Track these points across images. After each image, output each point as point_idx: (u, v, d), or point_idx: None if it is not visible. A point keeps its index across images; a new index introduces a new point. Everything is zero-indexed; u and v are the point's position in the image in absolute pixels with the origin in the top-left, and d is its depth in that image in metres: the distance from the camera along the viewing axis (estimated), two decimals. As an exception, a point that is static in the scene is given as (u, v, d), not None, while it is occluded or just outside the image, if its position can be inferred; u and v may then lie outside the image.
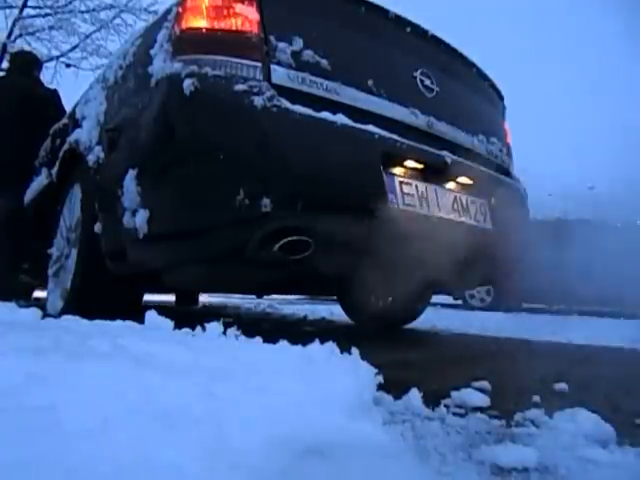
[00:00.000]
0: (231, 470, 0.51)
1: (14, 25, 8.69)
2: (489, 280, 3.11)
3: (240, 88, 1.43)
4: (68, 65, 9.43)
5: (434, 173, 1.83)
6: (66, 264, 2.15)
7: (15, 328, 1.00)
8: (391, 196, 1.64)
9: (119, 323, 1.25)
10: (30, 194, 3.09)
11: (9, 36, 8.60)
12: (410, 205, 1.69)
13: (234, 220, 1.44)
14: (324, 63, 1.60)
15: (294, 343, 0.99)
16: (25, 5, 8.78)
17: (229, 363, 0.80)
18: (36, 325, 1.17)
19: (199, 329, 1.18)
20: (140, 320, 1.26)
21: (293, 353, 0.92)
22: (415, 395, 1.05)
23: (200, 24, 1.53)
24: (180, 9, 1.58)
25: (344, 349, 1.00)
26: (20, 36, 8.90)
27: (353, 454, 0.60)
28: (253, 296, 6.14)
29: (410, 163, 1.75)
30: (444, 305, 7.48)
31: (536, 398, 1.14)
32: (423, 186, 1.78)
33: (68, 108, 2.97)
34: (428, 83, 1.92)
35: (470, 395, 1.11)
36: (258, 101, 1.42)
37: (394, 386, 1.10)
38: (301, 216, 1.46)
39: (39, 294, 4.39)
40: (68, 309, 1.90)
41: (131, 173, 1.62)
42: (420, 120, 1.84)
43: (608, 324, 4.58)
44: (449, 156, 1.86)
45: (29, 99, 3.42)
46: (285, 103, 1.45)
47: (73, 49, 9.40)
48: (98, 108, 2.00)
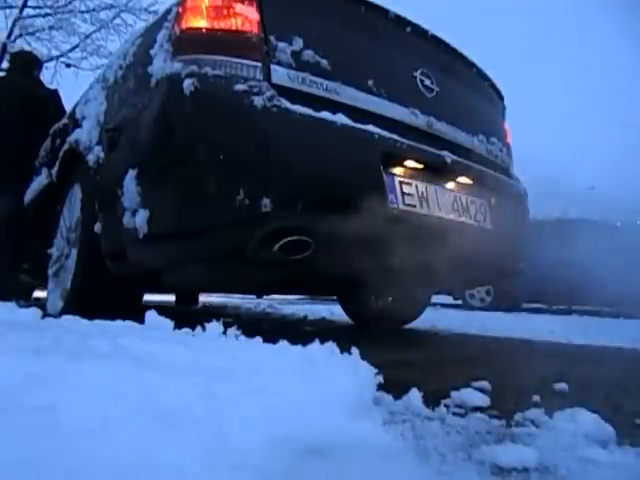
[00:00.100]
0: (231, 470, 0.51)
1: (14, 25, 8.70)
2: (489, 280, 3.12)
3: (240, 88, 1.43)
4: (68, 65, 9.44)
5: (434, 173, 1.83)
6: (66, 264, 2.15)
7: (15, 328, 1.00)
8: (391, 196, 1.64)
9: (119, 323, 1.25)
10: (30, 194, 3.09)
11: (9, 36, 8.60)
12: (410, 205, 1.70)
13: (234, 220, 1.44)
14: (324, 63, 1.60)
15: (294, 343, 0.99)
16: (25, 5, 8.79)
17: (229, 363, 0.80)
18: (36, 325, 1.17)
19: (199, 329, 1.18)
20: (140, 320, 1.26)
21: (293, 353, 0.92)
22: (415, 395, 1.05)
23: (200, 24, 1.53)
24: (180, 9, 1.58)
25: (344, 349, 1.00)
26: (20, 36, 8.90)
27: (353, 454, 0.60)
28: (253, 296, 6.14)
29: (410, 163, 1.75)
30: (444, 305, 7.48)
31: (536, 398, 1.14)
32: (423, 186, 1.78)
33: (68, 108, 2.97)
34: (428, 83, 1.92)
35: (470, 395, 1.11)
36: (258, 101, 1.42)
37: (394, 386, 1.10)
38: (301, 216, 1.46)
39: (39, 294, 4.39)
40: (68, 309, 1.90)
41: (131, 173, 1.62)
42: (420, 120, 1.84)
43: (608, 324, 4.58)
44: (449, 156, 1.86)
45: (29, 99, 3.42)
46: (285, 103, 1.45)
47: (73, 49, 9.42)
48: (98, 108, 2.00)
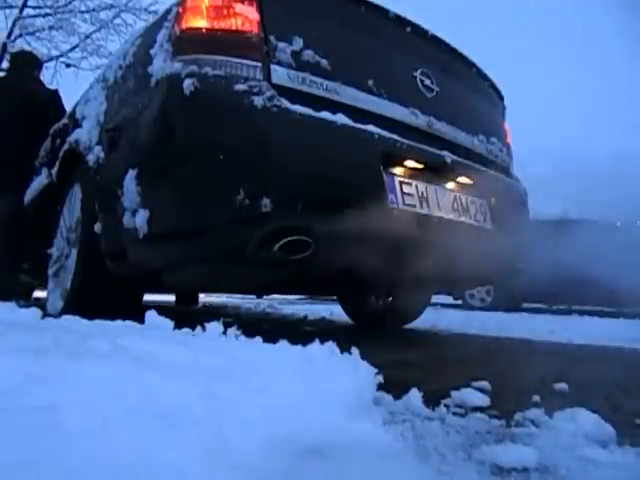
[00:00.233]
0: (231, 470, 0.51)
1: (14, 25, 8.69)
2: (489, 280, 3.12)
3: (240, 88, 1.43)
4: (68, 65, 9.44)
5: (434, 173, 1.83)
6: (66, 264, 2.15)
7: (15, 328, 1.00)
8: (391, 196, 1.64)
9: (119, 323, 1.25)
10: (30, 194, 3.09)
11: (9, 36, 8.60)
12: (410, 205, 1.70)
13: (234, 220, 1.44)
14: (324, 63, 1.60)
15: (294, 343, 0.99)
16: (25, 5, 8.78)
17: (229, 363, 0.80)
18: (36, 325, 1.17)
19: (199, 329, 1.18)
20: (140, 320, 1.26)
21: (293, 353, 0.92)
22: (415, 395, 1.05)
23: (200, 24, 1.53)
24: (180, 9, 1.58)
25: (344, 349, 1.00)
26: (20, 36, 8.90)
27: (353, 454, 0.60)
28: (253, 296, 6.14)
29: (410, 163, 1.75)
30: (444, 305, 7.48)
31: (536, 398, 1.14)
32: (423, 186, 1.78)
33: (68, 108, 2.97)
34: (428, 83, 1.92)
35: (470, 395, 1.11)
36: (258, 101, 1.42)
37: (394, 386, 1.10)
38: (301, 216, 1.46)
39: (39, 294, 4.39)
40: (68, 309, 1.90)
41: (131, 173, 1.62)
42: (420, 120, 1.84)
43: (608, 324, 4.58)
44: (449, 156, 1.86)
45: (29, 99, 3.42)
46: (285, 103, 1.45)
47: (73, 49, 9.41)
48: (98, 108, 2.00)
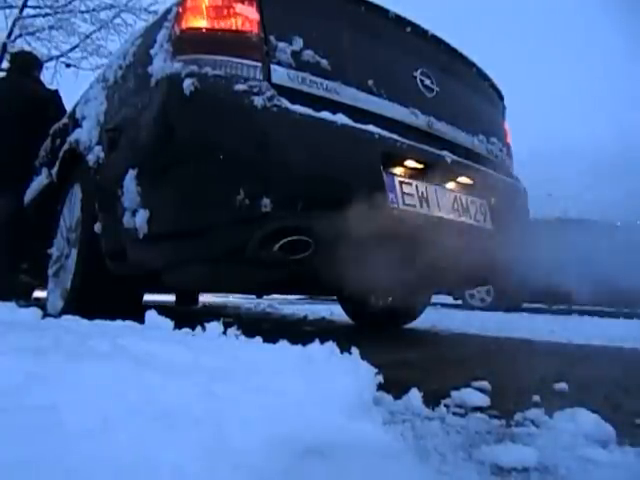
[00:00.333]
0: (231, 470, 0.51)
1: (14, 25, 8.68)
2: (489, 280, 3.12)
3: (240, 88, 1.43)
4: (68, 65, 9.43)
5: (434, 173, 1.83)
6: (66, 264, 2.15)
7: (15, 328, 1.00)
8: (391, 196, 1.64)
9: (119, 323, 1.25)
10: (30, 194, 3.09)
11: (9, 36, 8.60)
12: (410, 205, 1.70)
13: (234, 220, 1.44)
14: (324, 63, 1.60)
15: (294, 343, 0.99)
16: (25, 5, 8.78)
17: (229, 363, 0.80)
18: (36, 325, 1.17)
19: (199, 329, 1.18)
20: (140, 320, 1.26)
21: (293, 353, 0.92)
22: (415, 395, 1.05)
23: (200, 24, 1.53)
24: (180, 9, 1.58)
25: (344, 349, 1.00)
26: (20, 36, 8.89)
27: (353, 454, 0.60)
28: (253, 296, 6.14)
29: (410, 163, 1.75)
30: (444, 305, 7.48)
31: (536, 398, 1.14)
32: (423, 186, 1.78)
33: (68, 108, 2.97)
34: (428, 83, 1.92)
35: (470, 395, 1.11)
36: (258, 101, 1.42)
37: (394, 386, 1.10)
38: (301, 216, 1.46)
39: (39, 294, 4.39)
40: (68, 309, 1.90)
41: (131, 173, 1.62)
42: (420, 120, 1.84)
43: (608, 324, 4.58)
44: (449, 156, 1.86)
45: (29, 99, 3.42)
46: (285, 103, 1.45)
47: (73, 49, 9.40)
48: (98, 108, 2.00)
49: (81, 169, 2.06)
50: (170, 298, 4.87)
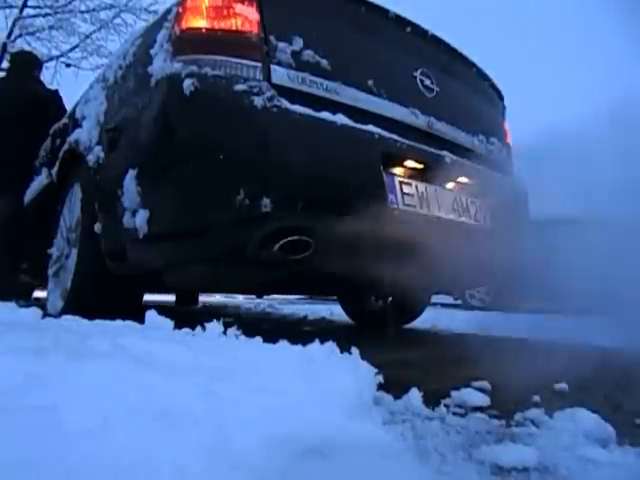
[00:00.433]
0: (231, 470, 0.51)
1: (14, 25, 8.69)
2: (489, 280, 3.12)
3: (240, 88, 1.43)
4: (68, 65, 9.44)
5: (434, 173, 1.83)
6: (66, 264, 2.15)
7: (15, 328, 1.00)
8: (391, 196, 1.64)
9: (119, 323, 1.25)
10: (30, 194, 3.09)
11: (9, 36, 8.60)
12: (410, 205, 1.70)
13: (234, 220, 1.44)
14: (324, 63, 1.60)
15: (294, 343, 0.99)
16: (25, 5, 8.78)
17: (229, 363, 0.80)
18: (36, 325, 1.17)
19: (199, 329, 1.18)
20: (140, 320, 1.26)
21: (293, 353, 0.92)
22: (415, 395, 1.05)
23: (200, 24, 1.53)
24: (180, 9, 1.58)
25: (344, 349, 1.00)
26: (20, 36, 8.90)
27: (353, 454, 0.60)
28: (253, 296, 6.14)
29: (410, 163, 1.75)
30: (444, 305, 7.48)
31: (536, 398, 1.14)
32: (423, 186, 1.78)
33: (68, 108, 2.97)
34: (428, 83, 1.92)
35: (470, 395, 1.11)
36: (258, 101, 1.42)
37: (394, 386, 1.10)
38: (301, 216, 1.46)
39: (39, 294, 4.39)
40: (68, 309, 1.90)
41: (131, 173, 1.62)
42: (420, 120, 1.84)
43: (608, 324, 4.57)
44: (449, 156, 1.86)
45: (29, 99, 3.42)
46: (285, 103, 1.45)
47: (73, 49, 9.41)
48: (98, 108, 2.00)
49: (81, 169, 2.06)
50: (170, 298, 4.87)
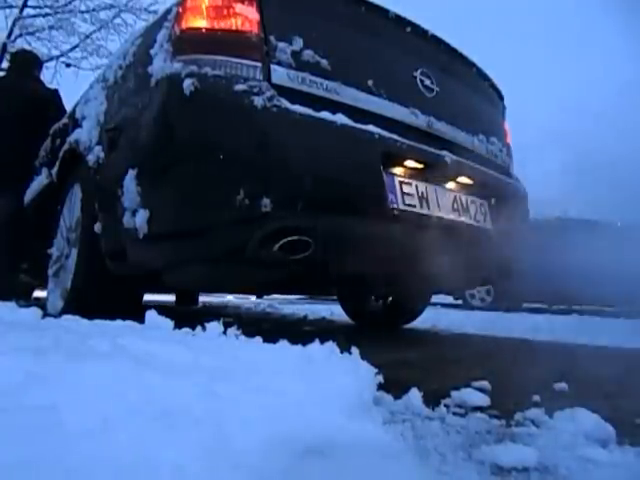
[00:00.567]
0: (231, 470, 0.51)
1: (14, 25, 8.69)
2: (489, 280, 3.12)
3: (240, 88, 1.43)
4: (68, 65, 9.44)
5: (434, 173, 1.83)
6: (66, 264, 2.15)
7: (15, 328, 1.00)
8: (391, 196, 1.64)
9: (119, 323, 1.25)
10: (30, 194, 3.09)
11: (9, 36, 8.60)
12: (410, 205, 1.70)
13: (234, 220, 1.44)
14: (324, 63, 1.60)
15: (294, 343, 0.99)
16: (25, 5, 8.78)
17: (229, 363, 0.80)
18: (36, 325, 1.17)
19: (199, 329, 1.18)
20: (140, 320, 1.26)
21: (293, 353, 0.92)
22: (415, 395, 1.05)
23: (200, 24, 1.53)
24: (180, 9, 1.58)
25: (344, 349, 1.00)
26: (20, 36, 8.90)
27: (353, 454, 0.60)
28: (253, 296, 6.14)
29: (410, 163, 1.75)
30: (444, 305, 7.48)
31: (536, 398, 1.14)
32: (423, 186, 1.78)
33: (68, 108, 2.97)
34: (428, 83, 1.92)
35: (470, 395, 1.11)
36: (258, 101, 1.42)
37: (394, 386, 1.10)
38: (301, 216, 1.46)
39: (39, 294, 4.39)
40: (68, 309, 1.90)
41: (131, 173, 1.62)
42: (420, 120, 1.84)
43: (608, 324, 4.58)
44: (449, 156, 1.86)
45: (29, 99, 3.42)
46: (285, 103, 1.45)
47: (73, 49, 9.41)
48: (98, 108, 2.00)
49: (81, 169, 2.06)
50: (170, 298, 4.88)
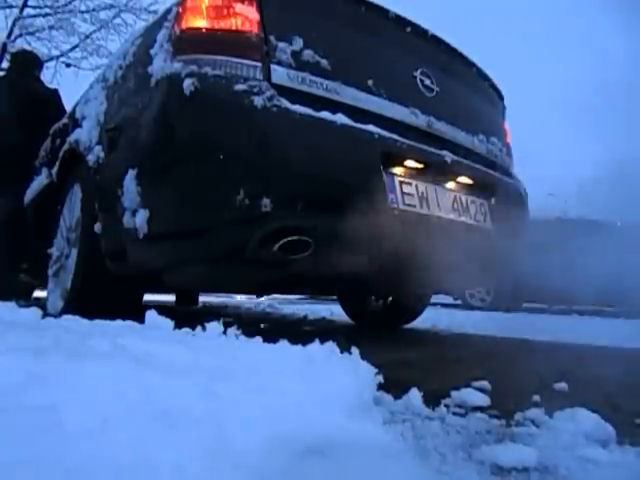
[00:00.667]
0: (231, 470, 0.51)
1: (14, 25, 8.69)
2: (489, 280, 3.12)
3: (240, 88, 1.43)
4: (68, 65, 9.44)
5: (434, 173, 1.83)
6: (66, 264, 2.15)
7: (15, 328, 1.00)
8: (391, 196, 1.64)
9: (119, 323, 1.25)
10: (30, 194, 3.09)
11: (9, 36, 8.60)
12: (410, 205, 1.70)
13: (234, 220, 1.44)
14: (324, 63, 1.60)
15: (294, 343, 0.99)
16: (25, 5, 8.78)
17: (229, 363, 0.80)
18: (36, 325, 1.17)
19: (199, 329, 1.18)
20: (140, 320, 1.26)
21: (293, 353, 0.92)
22: (415, 395, 1.05)
23: (200, 24, 1.53)
24: (180, 9, 1.58)
25: (344, 349, 1.00)
26: (20, 36, 8.90)
27: (353, 454, 0.60)
28: (253, 296, 6.14)
29: (410, 163, 1.75)
30: (444, 305, 7.48)
31: (536, 398, 1.14)
32: (423, 186, 1.78)
33: (68, 108, 2.97)
34: (428, 83, 1.92)
35: (470, 395, 1.11)
36: (258, 101, 1.42)
37: (394, 386, 1.10)
38: (301, 216, 1.46)
39: (39, 294, 4.39)
40: (68, 309, 1.90)
41: (131, 173, 1.62)
42: (420, 120, 1.84)
43: (608, 324, 4.58)
44: (449, 156, 1.86)
45: (29, 99, 3.42)
46: (285, 103, 1.45)
47: (73, 49, 9.41)
48: (98, 108, 2.00)
49: (81, 169, 2.06)
50: (170, 298, 4.88)
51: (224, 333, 1.14)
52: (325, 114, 1.51)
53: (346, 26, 1.75)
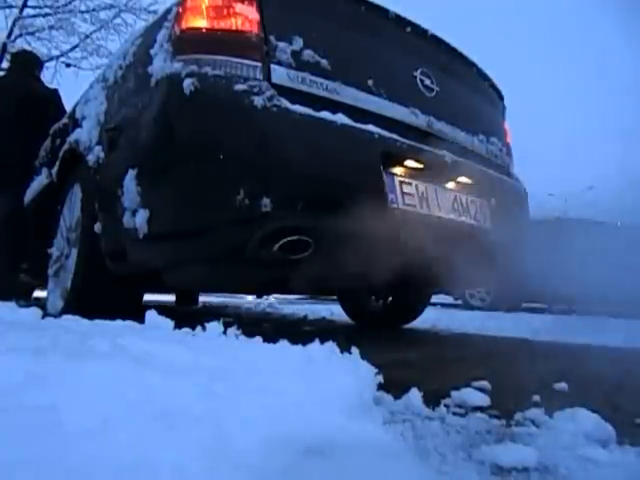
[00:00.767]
0: (231, 470, 0.51)
1: (14, 25, 8.69)
2: (489, 280, 3.12)
3: (240, 88, 1.43)
4: (68, 65, 9.44)
5: (434, 173, 1.83)
6: (66, 264, 2.15)
7: (15, 328, 1.00)
8: (391, 196, 1.64)
9: (119, 323, 1.25)
10: (30, 194, 3.09)
11: (9, 36, 8.60)
12: (410, 205, 1.70)
13: (234, 220, 1.44)
14: (324, 63, 1.60)
15: (294, 343, 0.99)
16: (25, 5, 8.78)
17: (229, 363, 0.80)
18: (36, 325, 1.17)
19: (199, 329, 1.18)
20: (140, 320, 1.26)
21: (293, 353, 0.92)
22: (415, 395, 1.05)
23: (200, 24, 1.53)
24: (180, 9, 1.58)
25: (344, 349, 1.00)
26: (20, 36, 8.90)
27: (353, 454, 0.60)
28: (253, 296, 6.14)
29: (410, 163, 1.75)
30: (444, 305, 7.48)
31: (536, 398, 1.14)
32: (423, 186, 1.78)
33: (68, 108, 2.97)
34: (428, 83, 1.92)
35: (470, 395, 1.11)
36: (258, 101, 1.42)
37: (394, 386, 1.10)
38: (301, 216, 1.46)
39: (39, 294, 4.39)
40: (68, 309, 1.90)
41: (131, 173, 1.62)
42: (420, 120, 1.84)
43: (608, 324, 4.58)
44: (449, 156, 1.86)
45: (29, 98, 3.42)
46: (285, 103, 1.45)
47: (73, 49, 9.41)
48: (98, 108, 2.00)
49: (81, 169, 2.06)
50: (170, 298, 4.88)
51: (224, 333, 1.14)
52: (325, 114, 1.51)
53: (346, 26, 1.75)
